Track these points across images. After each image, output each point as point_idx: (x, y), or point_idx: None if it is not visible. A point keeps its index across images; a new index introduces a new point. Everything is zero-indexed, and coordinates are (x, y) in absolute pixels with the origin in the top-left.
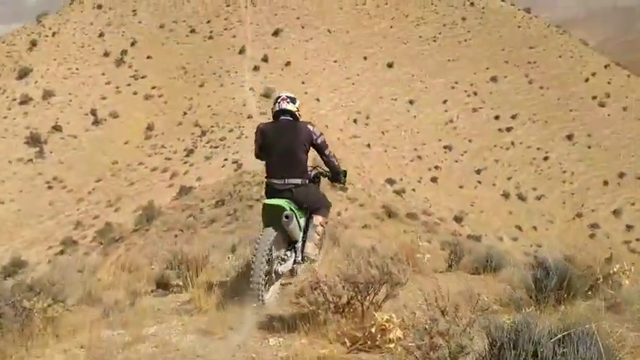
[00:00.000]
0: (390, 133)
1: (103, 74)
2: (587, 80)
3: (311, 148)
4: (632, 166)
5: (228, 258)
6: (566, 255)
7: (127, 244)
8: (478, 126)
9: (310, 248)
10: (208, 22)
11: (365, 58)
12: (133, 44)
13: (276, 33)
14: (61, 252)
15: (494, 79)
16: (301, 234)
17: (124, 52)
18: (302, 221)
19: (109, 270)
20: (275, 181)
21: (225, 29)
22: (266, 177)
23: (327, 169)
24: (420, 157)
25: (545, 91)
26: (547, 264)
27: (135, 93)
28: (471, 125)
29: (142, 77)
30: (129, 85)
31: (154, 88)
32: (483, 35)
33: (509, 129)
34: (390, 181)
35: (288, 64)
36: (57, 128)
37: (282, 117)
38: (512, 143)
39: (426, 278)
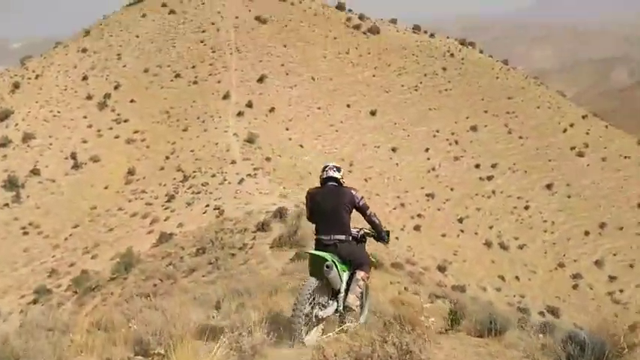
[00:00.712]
0: (372, 180)
1: (85, 117)
2: (565, 131)
3: (354, 209)
4: (612, 217)
5: (213, 317)
6: (549, 306)
7: (103, 293)
8: (459, 174)
9: (352, 299)
10: (193, 67)
11: (348, 106)
12: (116, 88)
13: (260, 79)
14: (34, 301)
15: (474, 128)
16: (343, 285)
17: (107, 96)
18: (345, 275)
19: (82, 328)
20: (323, 237)
21: (210, 75)
22: (315, 234)
23: (372, 230)
24: (403, 205)
25: (524, 140)
26: (581, 338)
27: (117, 137)
28: (452, 173)
29: (125, 121)
30: (111, 128)
31: (136, 132)
32: (463, 85)
33: (489, 177)
34: None
35: (272, 109)
36: (35, 172)
37: (329, 183)
38: (494, 192)
39: (432, 346)
